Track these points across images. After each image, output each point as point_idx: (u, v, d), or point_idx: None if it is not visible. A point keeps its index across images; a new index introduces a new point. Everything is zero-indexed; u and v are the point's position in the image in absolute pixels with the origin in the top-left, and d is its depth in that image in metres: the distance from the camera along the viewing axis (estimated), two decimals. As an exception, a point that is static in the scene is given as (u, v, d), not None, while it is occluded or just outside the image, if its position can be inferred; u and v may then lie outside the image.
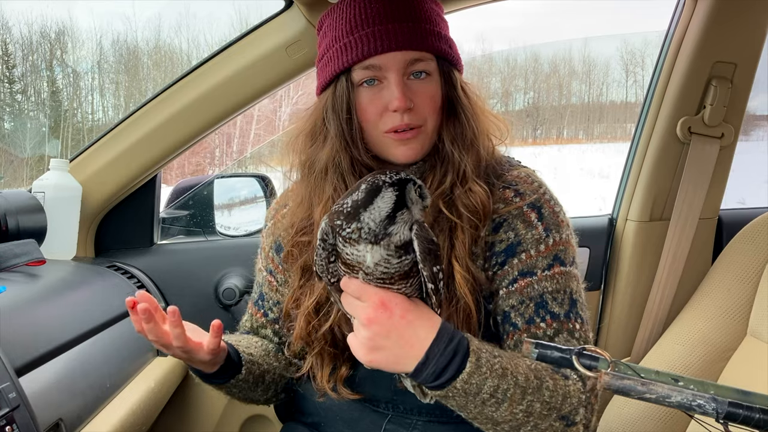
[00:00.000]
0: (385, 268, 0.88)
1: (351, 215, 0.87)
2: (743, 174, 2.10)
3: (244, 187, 2.28)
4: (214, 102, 1.64)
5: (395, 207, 0.86)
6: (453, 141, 1.12)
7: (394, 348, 0.90)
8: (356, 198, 0.87)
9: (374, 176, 0.89)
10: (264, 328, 1.31)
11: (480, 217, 1.09)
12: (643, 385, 0.74)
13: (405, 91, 1.07)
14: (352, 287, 0.91)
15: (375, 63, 1.07)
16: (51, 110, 6.33)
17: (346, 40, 1.09)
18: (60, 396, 1.13)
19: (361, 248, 0.87)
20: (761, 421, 0.70)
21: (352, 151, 1.11)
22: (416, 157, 1.11)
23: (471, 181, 1.10)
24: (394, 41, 1.06)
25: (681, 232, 1.77)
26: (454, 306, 1.06)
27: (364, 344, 0.91)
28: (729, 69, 1.69)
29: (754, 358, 1.49)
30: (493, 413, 0.95)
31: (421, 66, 1.08)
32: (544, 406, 0.96)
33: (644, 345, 1.79)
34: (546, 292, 1.08)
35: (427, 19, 1.10)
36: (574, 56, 8.77)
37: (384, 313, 0.89)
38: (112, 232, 1.84)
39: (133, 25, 6.60)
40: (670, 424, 1.57)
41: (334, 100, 1.11)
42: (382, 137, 1.10)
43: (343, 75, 1.10)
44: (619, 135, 8.61)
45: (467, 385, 0.91)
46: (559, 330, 1.07)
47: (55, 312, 1.30)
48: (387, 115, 1.08)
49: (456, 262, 1.07)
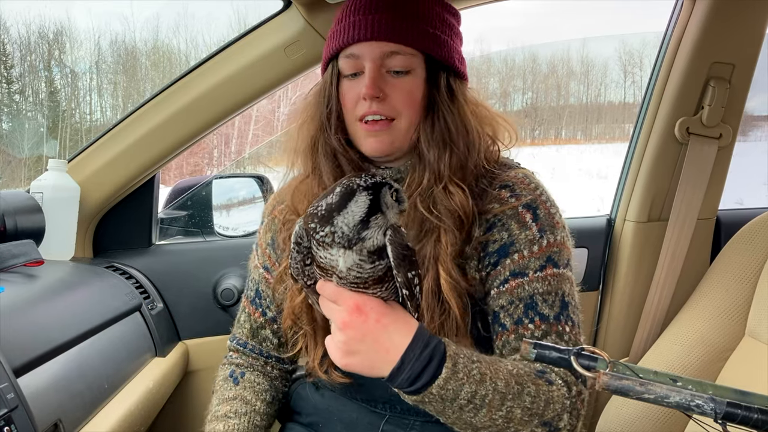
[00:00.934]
0: (358, 273, 0.88)
1: (325, 219, 0.86)
2: (741, 175, 2.11)
3: (242, 187, 2.28)
4: (213, 102, 1.64)
5: (369, 211, 0.86)
6: (428, 141, 1.11)
7: (369, 353, 0.90)
8: (330, 201, 0.87)
9: (349, 179, 0.88)
10: (263, 328, 1.29)
11: (461, 219, 1.08)
12: (642, 386, 0.74)
13: (377, 80, 1.09)
14: (328, 291, 0.91)
15: (354, 52, 1.11)
16: (49, 110, 6.33)
17: (334, 29, 1.14)
18: (58, 397, 1.13)
19: (333, 252, 0.87)
20: (759, 421, 0.70)
21: (326, 134, 1.14)
22: (385, 150, 1.12)
23: (449, 182, 1.09)
24: (371, 31, 1.08)
25: (679, 232, 1.77)
26: (445, 310, 1.06)
27: (339, 348, 0.90)
28: (727, 70, 1.70)
29: (753, 359, 1.50)
30: (472, 419, 0.93)
31: (399, 59, 1.09)
32: (525, 412, 0.95)
33: (642, 345, 1.79)
34: (536, 294, 1.07)
35: (417, 16, 1.11)
36: (572, 57, 8.78)
37: (359, 318, 0.89)
38: (110, 233, 1.84)
39: (131, 26, 6.59)
40: (669, 424, 1.57)
41: (322, 87, 1.17)
42: (355, 125, 1.13)
43: (331, 63, 1.15)
44: (617, 135, 8.61)
45: (443, 391, 0.90)
46: (547, 332, 1.06)
47: (54, 313, 1.30)
48: (360, 102, 1.11)
49: (439, 265, 1.06)
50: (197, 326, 1.80)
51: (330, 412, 1.21)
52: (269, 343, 1.29)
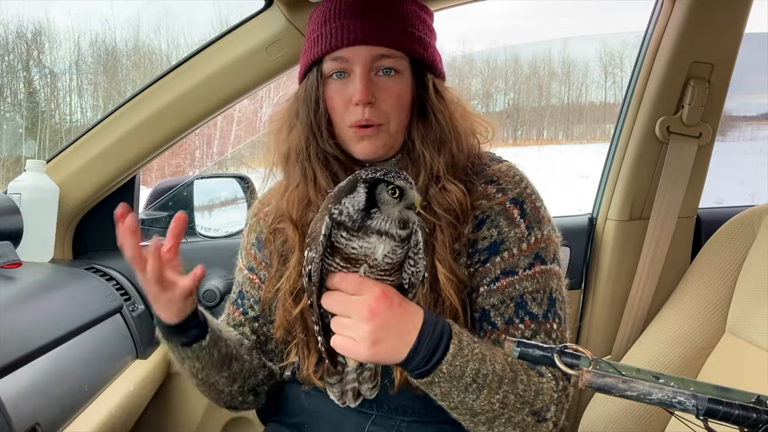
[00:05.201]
0: (391, 259, 0.89)
1: (336, 198, 0.89)
2: (720, 174, 2.13)
3: (224, 188, 2.26)
4: (194, 102, 1.63)
5: (368, 204, 0.87)
6: (423, 141, 1.13)
7: (393, 338, 0.90)
8: (342, 186, 0.90)
9: (356, 173, 0.91)
10: (242, 326, 1.28)
11: (458, 215, 1.10)
12: (624, 383, 0.75)
13: (368, 85, 1.09)
14: (352, 281, 0.90)
15: (342, 55, 1.10)
16: (28, 111, 6.24)
17: (319, 32, 1.12)
18: (36, 400, 1.12)
19: (372, 240, 0.88)
20: (740, 417, 0.71)
21: (318, 140, 1.13)
22: (376, 153, 1.12)
23: (445, 180, 1.11)
24: (361, 35, 1.08)
25: (660, 230, 1.78)
26: (440, 307, 1.07)
27: (366, 338, 0.89)
28: (706, 69, 1.71)
29: (733, 355, 1.51)
30: (473, 402, 0.95)
31: (388, 62, 1.10)
32: (518, 398, 0.98)
33: (625, 343, 1.80)
34: (526, 292, 1.09)
35: (402, 18, 1.11)
36: (553, 57, 8.82)
37: (385, 303, 0.89)
38: (90, 234, 1.82)
39: (111, 26, 6.52)
40: (651, 421, 1.58)
41: (305, 90, 1.15)
42: (346, 130, 1.12)
43: (315, 66, 1.13)
44: (598, 136, 8.67)
45: (452, 368, 0.92)
46: (536, 331, 1.08)
47: (32, 315, 1.28)
48: (351, 108, 1.10)
49: (438, 262, 1.07)
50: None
51: (316, 413, 1.20)
52: (247, 340, 1.28)
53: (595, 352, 0.81)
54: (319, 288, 0.93)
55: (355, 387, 1.00)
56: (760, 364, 1.40)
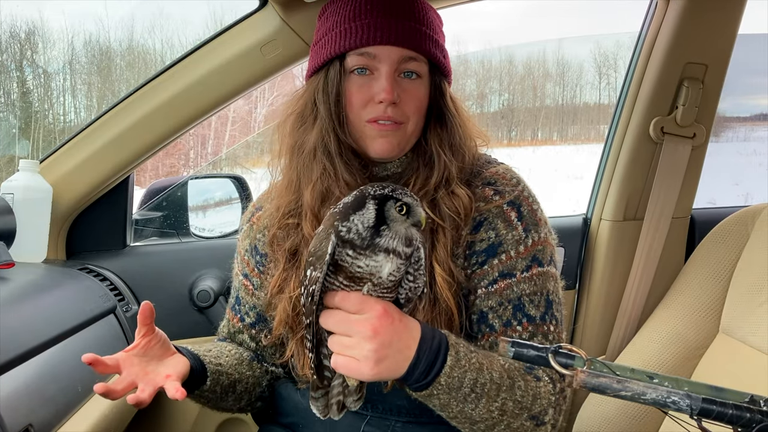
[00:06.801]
0: (394, 277, 0.89)
1: (344, 215, 0.88)
2: (713, 175, 2.13)
3: (218, 188, 2.25)
4: (188, 102, 1.63)
5: (377, 221, 0.87)
6: (441, 144, 1.14)
7: (395, 354, 0.90)
8: (347, 201, 0.89)
9: (361, 189, 0.90)
10: (240, 333, 1.29)
11: (461, 219, 1.10)
12: (619, 383, 0.75)
13: (395, 84, 1.09)
14: (354, 300, 0.89)
15: (371, 52, 1.09)
16: (21, 111, 6.21)
17: (346, 26, 1.11)
18: (30, 401, 1.11)
19: (379, 258, 0.87)
20: (734, 417, 0.71)
21: (339, 133, 1.12)
22: (392, 151, 1.12)
23: (455, 184, 1.12)
24: (394, 35, 1.09)
25: (654, 231, 1.79)
26: (436, 309, 1.07)
27: (370, 358, 0.88)
28: (700, 70, 1.72)
29: (727, 355, 1.51)
30: (472, 411, 0.96)
31: (413, 65, 1.11)
32: (516, 404, 0.98)
33: (619, 343, 1.81)
34: (524, 295, 1.10)
35: (427, 24, 1.13)
36: (548, 58, 8.82)
37: (387, 320, 0.89)
38: (84, 234, 1.81)
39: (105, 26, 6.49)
40: (646, 421, 1.58)
41: (326, 82, 1.13)
42: (363, 126, 1.11)
43: (337, 59, 1.12)
44: (592, 136, 8.68)
45: (450, 379, 0.92)
46: (534, 333, 1.09)
47: (25, 316, 1.27)
48: (371, 105, 1.10)
49: (437, 264, 1.08)
50: (173, 328, 1.76)
51: (310, 413, 1.19)
52: (246, 347, 1.29)
53: (589, 352, 0.82)
54: (317, 306, 0.91)
55: (340, 400, 0.98)
56: (753, 364, 1.41)
